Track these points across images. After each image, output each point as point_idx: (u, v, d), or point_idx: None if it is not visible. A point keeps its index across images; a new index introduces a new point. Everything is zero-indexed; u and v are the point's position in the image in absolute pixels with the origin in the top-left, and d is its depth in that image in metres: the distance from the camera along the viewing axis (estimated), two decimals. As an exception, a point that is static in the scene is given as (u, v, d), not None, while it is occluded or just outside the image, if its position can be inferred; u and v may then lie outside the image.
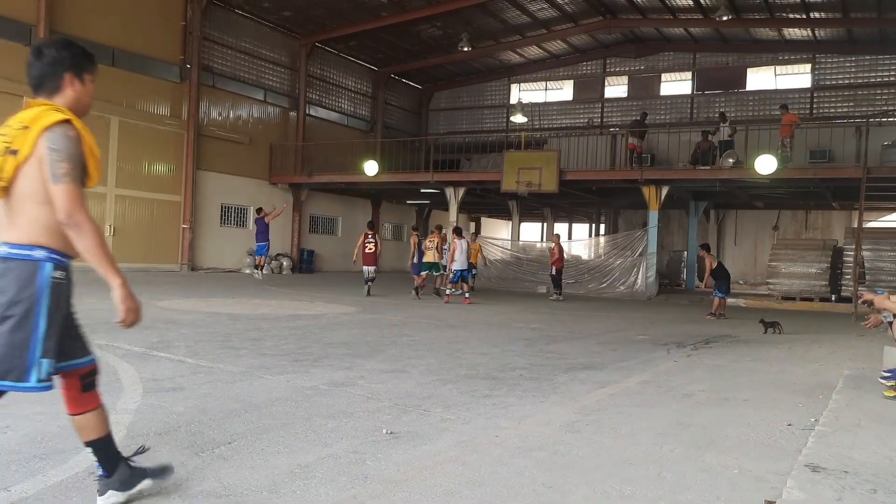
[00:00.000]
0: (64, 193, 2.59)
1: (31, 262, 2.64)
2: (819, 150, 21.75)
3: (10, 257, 2.64)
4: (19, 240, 2.64)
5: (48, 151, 2.60)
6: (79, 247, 2.66)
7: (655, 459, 3.95)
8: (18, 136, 2.62)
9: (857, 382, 6.36)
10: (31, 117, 2.66)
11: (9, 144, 2.63)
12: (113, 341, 7.47)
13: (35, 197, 2.63)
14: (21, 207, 2.64)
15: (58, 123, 2.64)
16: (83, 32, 19.97)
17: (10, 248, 2.64)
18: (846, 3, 22.14)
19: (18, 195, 2.64)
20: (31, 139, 2.60)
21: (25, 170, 2.62)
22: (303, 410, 4.82)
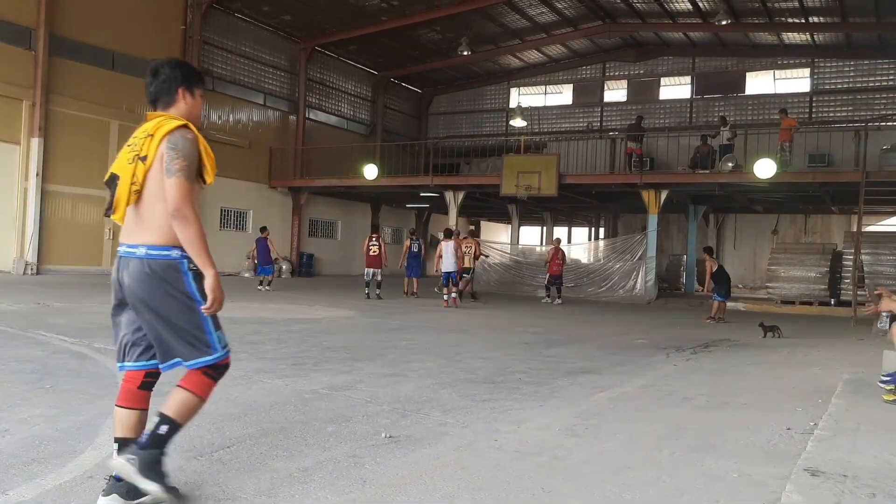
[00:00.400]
0: (175, 187, 2.84)
1: (173, 261, 2.93)
2: (818, 154, 21.79)
3: (150, 258, 2.90)
4: (156, 241, 2.91)
5: (167, 150, 2.88)
6: (181, 237, 2.87)
7: (655, 464, 3.95)
8: (145, 144, 2.92)
9: (857, 387, 6.36)
10: (154, 126, 2.97)
11: (138, 152, 2.92)
12: (112, 345, 7.43)
13: (156, 197, 2.90)
14: (152, 208, 2.91)
15: (177, 128, 2.95)
16: (83, 36, 20.03)
17: (149, 250, 2.91)
18: (845, 7, 22.17)
19: (148, 197, 2.91)
20: (156, 144, 2.91)
21: (152, 173, 2.91)
22: (302, 414, 4.81)
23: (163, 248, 2.91)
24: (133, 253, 2.94)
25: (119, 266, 3.00)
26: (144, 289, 2.91)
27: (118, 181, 2.95)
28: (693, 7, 23.94)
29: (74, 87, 19.83)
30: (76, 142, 19.88)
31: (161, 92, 3.10)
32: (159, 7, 22.25)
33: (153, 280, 2.90)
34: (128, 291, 2.97)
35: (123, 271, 2.97)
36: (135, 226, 2.94)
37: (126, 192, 2.92)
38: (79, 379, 5.64)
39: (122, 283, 2.98)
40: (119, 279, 3.00)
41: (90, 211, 20.44)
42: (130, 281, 2.94)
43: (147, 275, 2.91)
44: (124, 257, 2.97)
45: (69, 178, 19.82)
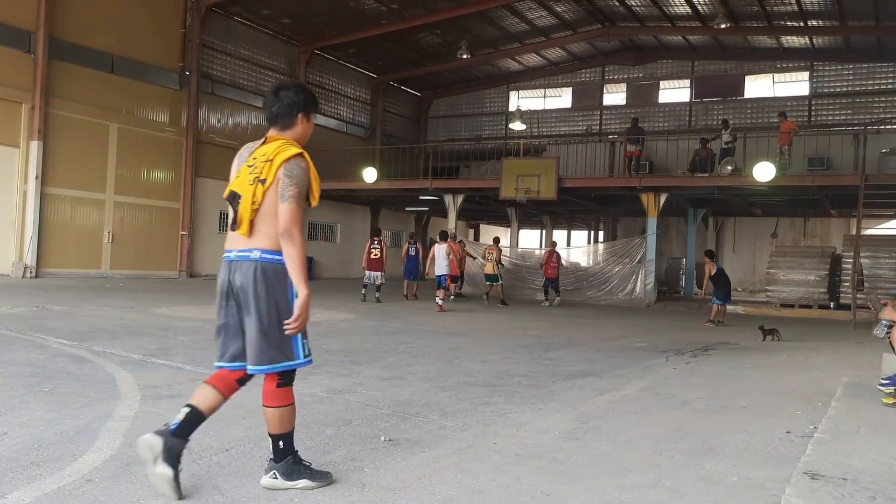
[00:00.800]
0: (287, 211, 3.20)
1: (279, 266, 3.25)
2: (817, 157, 21.80)
3: (263, 260, 3.25)
4: (269, 247, 3.26)
5: (283, 176, 3.23)
6: (286, 254, 3.23)
7: (654, 467, 3.94)
8: (265, 168, 3.25)
9: (856, 390, 6.36)
10: (273, 151, 3.28)
11: (258, 175, 3.25)
12: (111, 348, 7.46)
13: (271, 214, 3.24)
14: (267, 221, 3.25)
15: (294, 156, 3.28)
16: (83, 39, 20.03)
17: (263, 254, 3.26)
18: (843, 11, 22.22)
19: (264, 213, 3.26)
20: (274, 169, 3.24)
21: (269, 193, 3.24)
22: (301, 418, 4.78)
23: (275, 254, 3.25)
24: (247, 256, 3.28)
25: (230, 269, 3.32)
26: (253, 286, 3.24)
27: (241, 199, 3.28)
28: (692, 11, 23.98)
29: (74, 90, 19.84)
30: (75, 145, 19.89)
31: (282, 114, 3.40)
32: (159, 10, 22.26)
33: (263, 279, 3.24)
34: (239, 290, 3.28)
35: (236, 272, 3.29)
36: (247, 234, 3.28)
37: (248, 210, 3.26)
38: (78, 382, 5.64)
39: (234, 283, 3.29)
40: (230, 280, 3.31)
41: (89, 214, 20.45)
42: (242, 279, 3.27)
43: (258, 274, 3.24)
44: (236, 260, 3.31)
45: (68, 182, 19.82)
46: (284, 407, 3.34)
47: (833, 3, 21.68)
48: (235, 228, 3.31)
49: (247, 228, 3.27)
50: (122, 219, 21.26)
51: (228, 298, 3.32)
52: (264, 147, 3.33)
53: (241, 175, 3.31)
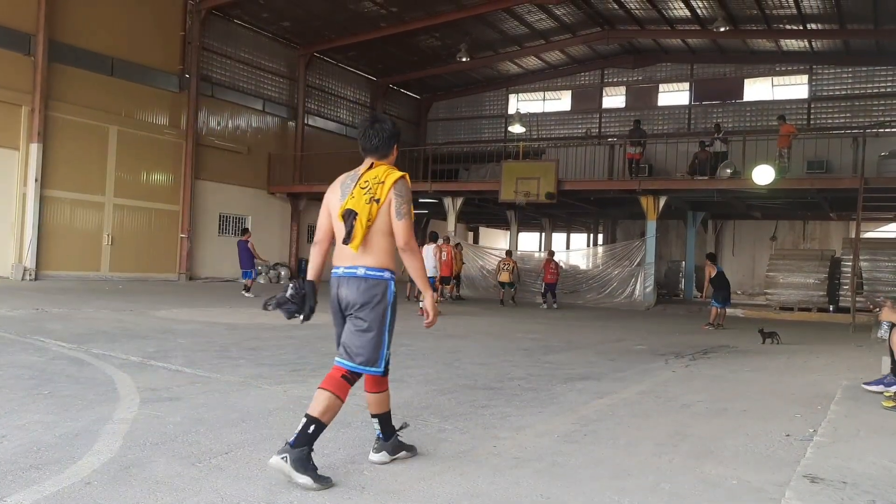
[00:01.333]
0: (404, 227, 3.65)
1: (383, 281, 3.68)
2: (816, 160, 21.82)
3: (367, 277, 3.65)
4: (373, 264, 3.66)
5: (395, 196, 3.64)
6: (408, 264, 3.74)
7: (654, 470, 3.94)
8: (378, 189, 3.64)
9: (856, 393, 6.36)
10: (383, 174, 3.70)
11: (373, 195, 3.63)
12: (110, 351, 7.46)
13: (383, 230, 3.65)
14: (374, 239, 3.65)
15: (401, 178, 3.71)
16: (83, 42, 20.05)
17: (368, 270, 3.66)
18: (843, 14, 22.25)
19: (376, 230, 3.64)
20: (386, 190, 3.64)
21: (381, 212, 3.64)
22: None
23: (377, 270, 3.68)
24: (353, 273, 3.69)
25: (338, 284, 3.75)
26: (358, 298, 3.67)
27: (356, 217, 3.63)
28: (691, 14, 24.01)
29: (73, 92, 19.85)
30: (75, 147, 19.90)
31: (382, 146, 3.81)
32: (159, 13, 22.28)
33: (366, 292, 3.67)
34: (345, 302, 3.72)
35: (342, 287, 3.73)
36: (359, 252, 3.67)
37: (363, 227, 3.62)
38: (77, 385, 5.63)
39: (341, 297, 3.74)
40: (338, 294, 3.75)
41: (89, 216, 20.45)
42: (348, 293, 3.70)
43: (363, 288, 3.67)
44: (343, 276, 3.73)
45: (68, 184, 19.82)
46: (383, 392, 3.92)
47: (832, 6, 21.72)
48: (347, 242, 3.67)
49: (359, 243, 3.64)
50: (121, 221, 21.26)
51: (336, 310, 3.81)
52: (373, 171, 3.74)
53: (356, 196, 3.67)
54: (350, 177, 3.80)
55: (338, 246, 3.77)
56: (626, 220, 30.15)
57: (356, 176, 3.76)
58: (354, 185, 3.71)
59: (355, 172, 3.80)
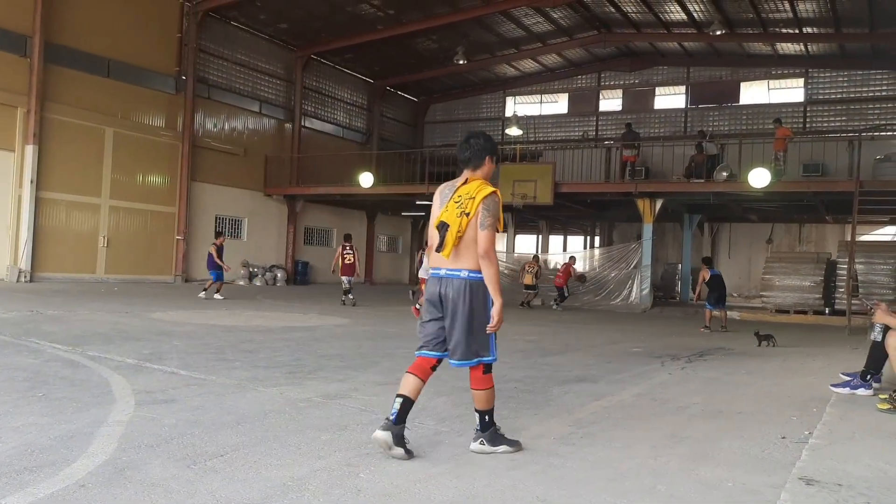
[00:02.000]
0: (486, 237, 4.03)
1: (481, 282, 4.11)
2: (812, 163, 21.88)
3: (470, 278, 4.11)
4: (473, 267, 4.10)
5: (483, 209, 4.04)
6: (485, 271, 4.08)
7: (650, 472, 3.94)
8: (469, 204, 4.07)
9: (851, 396, 6.37)
10: (475, 189, 4.11)
11: (464, 209, 4.06)
12: (105, 353, 7.44)
13: (474, 239, 4.06)
14: (469, 247, 4.08)
15: (490, 194, 4.10)
16: (79, 44, 20.03)
17: (470, 273, 4.10)
18: (838, 18, 22.31)
19: (466, 239, 4.08)
20: (476, 204, 4.05)
21: (471, 224, 4.06)
22: (296, 423, 4.80)
23: (477, 273, 4.11)
24: (457, 274, 4.11)
25: (441, 283, 4.16)
26: (462, 298, 4.08)
27: (448, 228, 4.08)
28: (688, 17, 24.07)
29: (69, 94, 19.82)
30: (71, 149, 19.87)
31: (474, 158, 4.23)
32: (155, 15, 22.27)
33: (469, 293, 4.09)
34: (450, 302, 4.12)
35: (447, 286, 4.13)
36: (453, 257, 4.11)
37: (454, 237, 4.06)
38: (72, 387, 5.62)
39: (445, 296, 4.13)
40: (442, 293, 4.14)
41: (84, 218, 20.41)
42: (454, 294, 4.11)
43: (469, 290, 4.09)
44: (446, 277, 4.15)
45: (64, 186, 19.79)
46: (488, 389, 4.23)
47: (828, 10, 21.78)
48: (440, 251, 4.13)
49: (449, 251, 4.08)
50: (117, 223, 21.23)
51: (437, 305, 4.18)
52: (466, 186, 4.16)
53: (450, 209, 4.12)
54: (448, 187, 4.27)
55: (433, 251, 4.23)
56: (622, 222, 30.18)
57: (453, 187, 4.22)
58: (450, 198, 4.18)
59: (453, 184, 4.26)
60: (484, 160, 4.25)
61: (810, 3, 21.63)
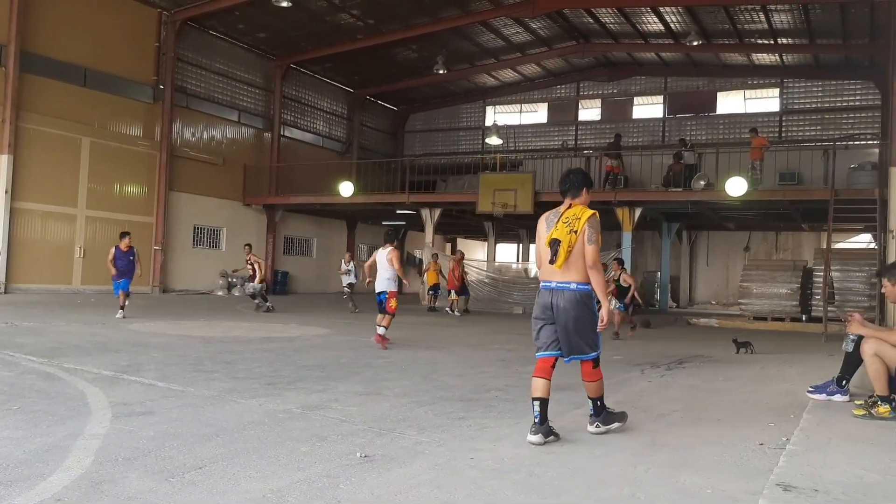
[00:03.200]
0: (592, 250, 4.81)
1: (588, 292, 4.87)
2: (788, 172, 22.15)
3: (578, 290, 4.85)
4: (581, 280, 4.85)
5: (588, 228, 4.83)
6: (594, 281, 4.84)
7: (630, 480, 3.96)
8: (576, 223, 4.85)
9: (828, 402, 6.44)
10: (580, 211, 4.92)
11: (572, 228, 4.84)
12: (82, 365, 7.35)
13: (580, 254, 4.82)
14: (576, 261, 4.83)
15: (592, 215, 4.90)
16: (55, 53, 19.85)
17: (578, 285, 4.85)
18: (812, 29, 22.66)
19: (574, 254, 4.82)
20: (582, 223, 4.84)
21: (578, 241, 4.82)
22: (275, 434, 4.77)
23: (585, 285, 4.86)
24: (567, 286, 4.86)
25: (552, 294, 4.90)
26: (572, 308, 4.83)
27: (560, 243, 4.81)
28: (665, 28, 24.32)
29: (45, 103, 19.62)
30: (47, 159, 19.66)
31: (573, 188, 5.08)
32: (133, 24, 22.12)
33: (579, 303, 4.84)
34: (561, 311, 4.84)
35: (558, 297, 4.87)
36: (563, 270, 4.84)
37: (565, 250, 4.80)
38: (47, 400, 5.54)
39: (556, 305, 4.86)
40: (553, 303, 4.88)
41: (60, 229, 20.18)
42: (565, 304, 4.84)
43: (576, 300, 4.84)
44: (556, 289, 4.88)
45: (39, 196, 19.56)
46: (598, 380, 5.02)
47: (802, 21, 22.11)
48: (553, 263, 4.85)
49: (561, 262, 4.81)
50: (94, 233, 21.00)
51: (549, 312, 4.90)
52: (571, 210, 4.97)
53: (559, 228, 4.88)
54: (553, 213, 5.05)
55: (545, 264, 4.94)
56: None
57: (558, 213, 5.00)
58: (558, 220, 4.93)
59: (556, 211, 5.03)
60: (581, 191, 5.09)
61: (785, 14, 21.96)
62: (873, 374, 5.84)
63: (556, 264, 4.82)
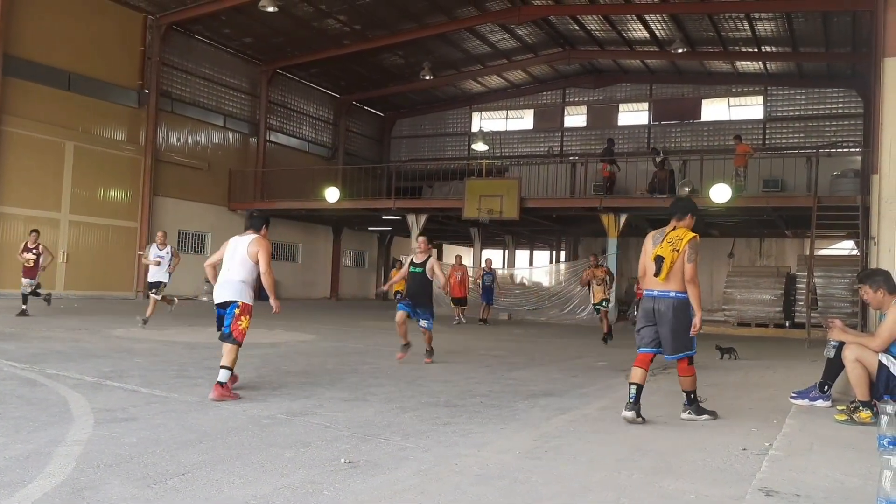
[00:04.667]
0: (691, 268, 5.67)
1: (682, 300, 5.72)
2: (772, 179, 22.32)
3: (677, 298, 5.71)
4: (679, 290, 5.70)
5: (688, 248, 5.68)
6: (690, 293, 5.69)
7: (614, 486, 3.97)
8: (678, 243, 5.68)
9: (810, 407, 6.49)
10: (682, 234, 5.77)
11: (675, 247, 5.68)
12: (64, 371, 7.29)
13: (680, 269, 5.67)
14: (675, 274, 5.67)
15: (693, 237, 5.74)
16: (39, 56, 19.71)
17: (677, 294, 5.71)
18: (795, 38, 22.88)
19: (675, 269, 5.66)
20: (684, 244, 5.69)
21: (679, 258, 5.66)
22: (259, 440, 4.75)
23: (682, 294, 5.71)
24: (667, 294, 5.72)
25: (654, 301, 5.79)
26: (672, 314, 5.70)
27: (664, 260, 5.66)
28: (650, 36, 24.48)
29: (28, 107, 19.46)
30: (30, 163, 19.49)
31: (680, 212, 5.92)
32: (117, 28, 21.98)
33: (677, 308, 5.71)
34: (661, 314, 5.74)
35: (660, 303, 5.75)
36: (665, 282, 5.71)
37: (668, 266, 5.64)
38: (29, 406, 5.49)
39: (657, 310, 5.76)
40: (655, 308, 5.78)
41: (44, 234, 19.84)
42: (665, 308, 5.72)
43: (675, 306, 5.71)
44: (658, 297, 5.77)
45: (22, 200, 19.39)
46: (692, 375, 5.89)
47: (785, 30, 22.33)
48: (657, 276, 5.71)
49: (664, 276, 5.67)
50: (77, 238, 20.83)
51: (650, 316, 5.82)
52: (675, 231, 5.81)
53: (664, 247, 5.73)
54: (659, 233, 5.89)
55: (649, 276, 5.80)
56: (587, 237, 30.43)
57: (664, 232, 5.84)
58: (663, 239, 5.77)
59: (662, 231, 5.87)
60: (686, 216, 5.91)
61: (769, 22, 22.17)
62: (854, 380, 5.90)
63: (660, 277, 5.69)
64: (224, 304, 6.62)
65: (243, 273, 6.71)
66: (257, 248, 6.75)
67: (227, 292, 6.63)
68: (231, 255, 6.80)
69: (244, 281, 6.71)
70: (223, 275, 6.76)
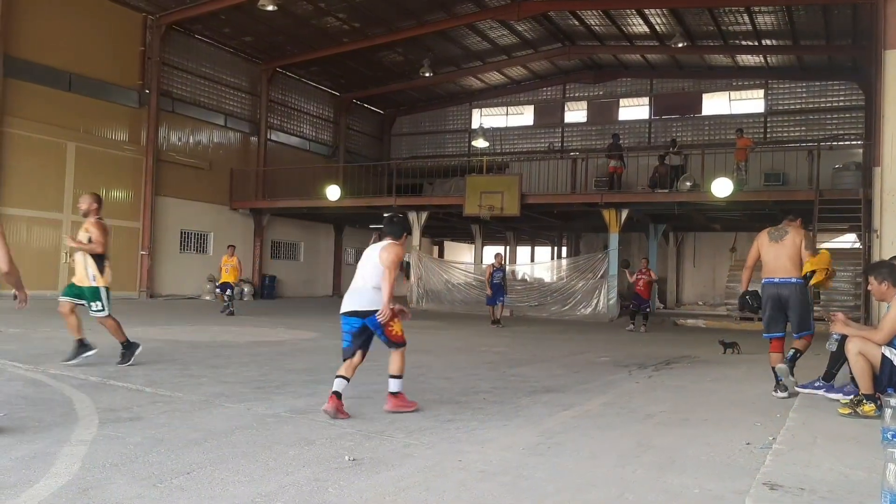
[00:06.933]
0: (808, 256, 6.89)
1: (802, 285, 6.96)
2: (773, 173, 22.30)
3: (798, 283, 6.95)
4: (798, 276, 6.96)
5: (804, 241, 6.99)
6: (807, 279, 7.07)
7: (617, 481, 3.98)
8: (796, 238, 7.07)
9: (813, 401, 6.50)
10: (797, 233, 7.06)
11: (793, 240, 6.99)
12: (68, 371, 7.31)
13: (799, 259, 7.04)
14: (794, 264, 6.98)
15: (807, 233, 6.96)
16: (39, 57, 19.70)
17: (797, 281, 6.94)
18: (796, 31, 22.83)
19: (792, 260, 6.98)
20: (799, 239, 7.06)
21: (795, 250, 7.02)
22: (263, 438, 4.76)
23: (801, 280, 6.96)
24: (789, 281, 6.97)
25: (777, 287, 7.03)
26: (794, 296, 6.96)
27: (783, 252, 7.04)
28: (650, 30, 24.44)
29: (29, 108, 19.46)
30: (32, 164, 19.50)
31: (794, 214, 7.30)
32: (117, 28, 21.97)
33: (799, 292, 6.95)
34: (785, 298, 6.97)
35: (783, 289, 7.00)
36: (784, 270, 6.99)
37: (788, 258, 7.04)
38: (33, 406, 5.51)
39: (781, 295, 7.00)
40: (779, 293, 7.02)
41: (46, 234, 20.03)
42: (788, 293, 6.97)
43: (796, 290, 6.95)
44: (781, 283, 7.02)
45: (24, 201, 19.41)
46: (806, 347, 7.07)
47: (786, 23, 22.28)
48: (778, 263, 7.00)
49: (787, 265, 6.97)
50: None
51: (776, 302, 7.03)
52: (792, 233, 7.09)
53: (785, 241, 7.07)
54: (775, 230, 7.18)
55: (771, 265, 7.06)
56: (589, 232, 30.43)
57: (780, 229, 7.12)
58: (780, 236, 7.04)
59: (778, 228, 7.17)
60: (797, 220, 7.28)
61: (769, 15, 22.13)
62: (858, 373, 5.90)
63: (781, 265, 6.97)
64: (350, 314, 5.90)
65: (376, 278, 5.90)
66: (388, 254, 5.93)
67: (355, 301, 5.91)
68: (364, 262, 6.13)
69: (378, 287, 5.88)
70: (354, 282, 6.09)
